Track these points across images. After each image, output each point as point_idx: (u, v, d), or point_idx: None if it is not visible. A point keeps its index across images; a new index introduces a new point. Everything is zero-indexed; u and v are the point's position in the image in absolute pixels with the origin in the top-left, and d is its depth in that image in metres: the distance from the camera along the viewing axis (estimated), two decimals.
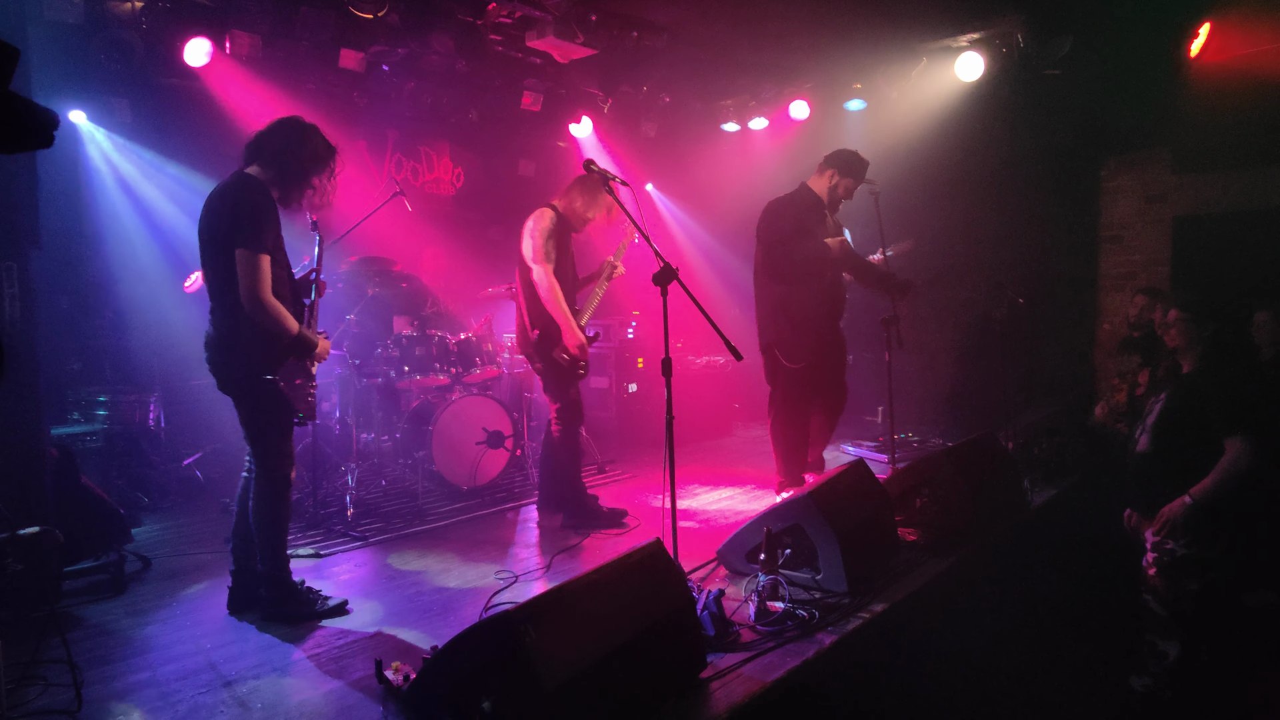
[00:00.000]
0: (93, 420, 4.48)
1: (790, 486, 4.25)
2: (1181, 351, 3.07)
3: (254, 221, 2.66)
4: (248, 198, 2.69)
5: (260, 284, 2.64)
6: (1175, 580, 2.96)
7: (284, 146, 2.78)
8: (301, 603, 2.93)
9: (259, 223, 2.67)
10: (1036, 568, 3.86)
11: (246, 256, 2.63)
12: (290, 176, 2.79)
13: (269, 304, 2.67)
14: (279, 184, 2.79)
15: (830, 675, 2.52)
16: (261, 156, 2.79)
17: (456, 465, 4.58)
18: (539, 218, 3.76)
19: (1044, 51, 5.07)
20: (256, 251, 2.64)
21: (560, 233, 3.79)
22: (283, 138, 2.79)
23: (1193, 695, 2.94)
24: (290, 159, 2.78)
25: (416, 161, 6.69)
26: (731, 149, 7.43)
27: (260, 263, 2.64)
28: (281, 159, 2.77)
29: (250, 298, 2.64)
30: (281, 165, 2.78)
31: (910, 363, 6.33)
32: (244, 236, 2.64)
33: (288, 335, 2.74)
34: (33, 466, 3.07)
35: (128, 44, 4.51)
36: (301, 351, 2.82)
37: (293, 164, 2.78)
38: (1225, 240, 5.19)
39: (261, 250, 2.65)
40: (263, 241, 2.66)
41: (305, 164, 2.80)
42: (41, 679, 2.47)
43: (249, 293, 2.64)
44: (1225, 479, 2.83)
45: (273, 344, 2.74)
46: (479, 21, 5.06)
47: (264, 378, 2.73)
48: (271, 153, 2.78)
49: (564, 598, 2.09)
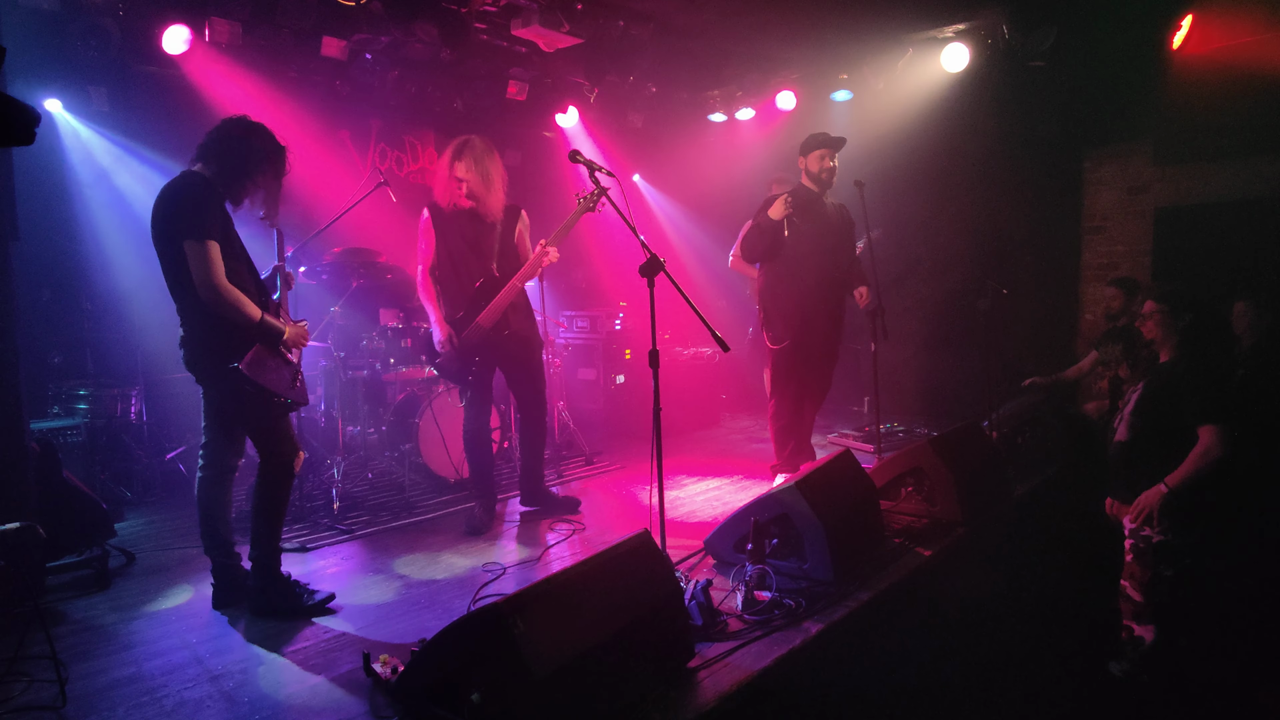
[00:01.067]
0: (74, 414, 4.43)
1: (784, 470, 4.34)
2: (1159, 342, 3.11)
3: (195, 211, 2.68)
4: (186, 192, 2.72)
5: (212, 270, 2.65)
6: (1152, 567, 3.02)
7: (224, 142, 2.81)
8: (288, 596, 2.93)
9: (200, 212, 2.68)
10: (1019, 555, 3.92)
11: (193, 246, 2.65)
12: (230, 172, 2.81)
13: (224, 288, 2.67)
14: (220, 180, 2.81)
15: (817, 663, 2.55)
16: (205, 154, 2.82)
17: (443, 458, 4.57)
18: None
19: (1028, 43, 5.10)
20: (202, 239, 2.65)
21: (443, 228, 3.80)
22: (224, 133, 2.82)
23: (1169, 680, 3.01)
24: (230, 155, 2.80)
25: (401, 151, 6.63)
26: (718, 140, 7.42)
27: (208, 249, 2.65)
28: (221, 155, 2.80)
29: (204, 285, 2.65)
30: (221, 161, 2.80)
31: (895, 353, 6.37)
32: (188, 227, 2.66)
33: (249, 321, 2.74)
34: (14, 462, 3.03)
35: (105, 31, 4.42)
36: (267, 339, 2.81)
37: (233, 159, 2.80)
38: (1206, 231, 5.25)
39: (207, 238, 2.66)
40: (207, 230, 2.67)
41: (246, 160, 2.82)
42: (25, 675, 2.45)
43: (202, 280, 2.65)
44: (1200, 467, 2.88)
45: (233, 332, 2.75)
46: (463, 9, 5.00)
47: (228, 365, 2.72)
48: (213, 149, 2.81)
49: (552, 589, 2.10)
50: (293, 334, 2.93)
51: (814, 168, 4.23)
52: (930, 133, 5.96)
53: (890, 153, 6.08)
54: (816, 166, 4.22)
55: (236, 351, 2.74)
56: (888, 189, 5.81)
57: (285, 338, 2.88)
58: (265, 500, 2.92)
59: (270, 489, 2.93)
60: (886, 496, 3.74)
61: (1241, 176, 5.20)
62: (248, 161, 2.82)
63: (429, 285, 3.85)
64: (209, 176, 2.79)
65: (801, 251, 4.19)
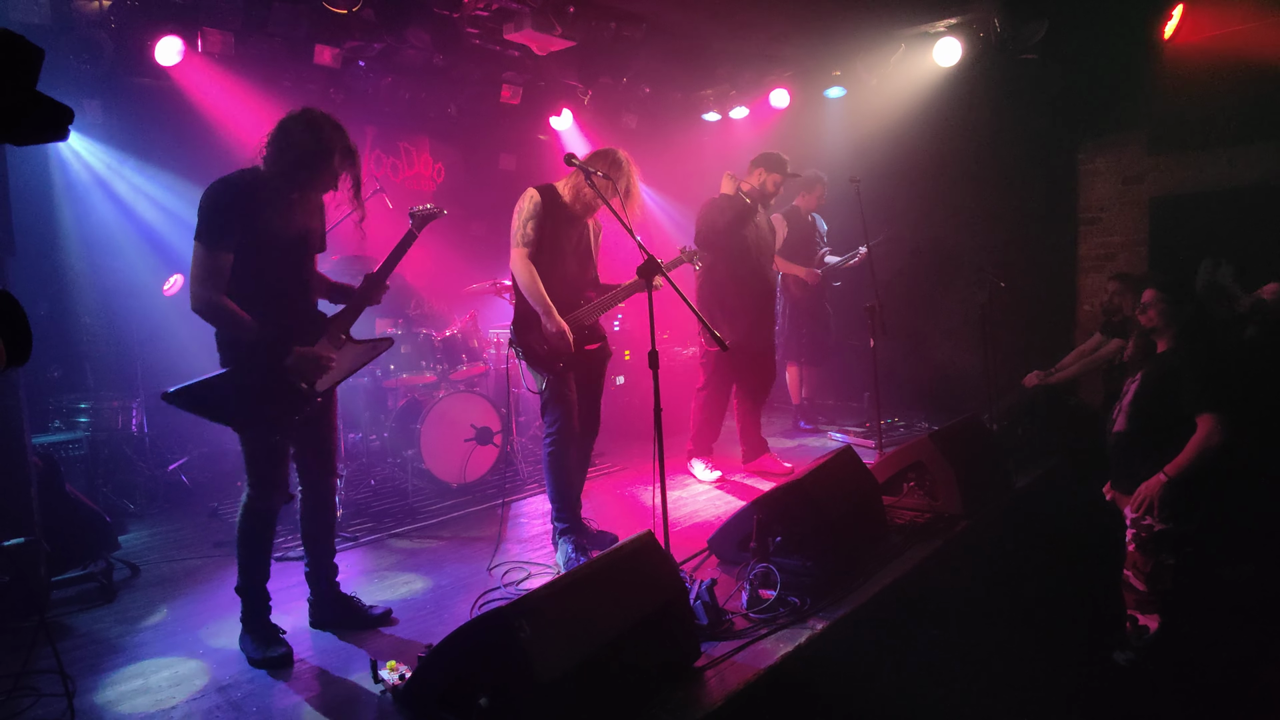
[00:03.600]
0: (75, 428, 4.43)
1: (699, 455, 4.76)
2: (1158, 332, 3.12)
3: (205, 214, 2.51)
4: (205, 194, 2.54)
5: (197, 277, 2.48)
6: (1154, 556, 3.02)
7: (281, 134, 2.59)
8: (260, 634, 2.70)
9: (208, 215, 2.50)
10: (1022, 547, 3.92)
11: (194, 249, 2.50)
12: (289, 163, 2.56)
13: (207, 299, 2.48)
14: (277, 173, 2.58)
15: (823, 659, 2.56)
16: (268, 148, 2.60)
17: (445, 463, 4.57)
18: (521, 199, 3.41)
19: (1020, 36, 5.11)
20: (205, 246, 2.49)
21: (551, 216, 3.35)
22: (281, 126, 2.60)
23: (1174, 668, 3.02)
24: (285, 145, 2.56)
25: (396, 158, 6.63)
26: (713, 139, 7.42)
27: (200, 256, 2.49)
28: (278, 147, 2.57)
29: (190, 291, 2.50)
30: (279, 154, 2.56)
31: (894, 348, 6.38)
32: (198, 230, 2.51)
33: (243, 333, 2.53)
34: (16, 477, 3.04)
35: (97, 44, 4.43)
36: (262, 352, 2.56)
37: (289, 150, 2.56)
38: (1202, 219, 5.26)
39: (208, 242, 2.48)
40: (211, 233, 2.49)
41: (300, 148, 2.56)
42: (34, 690, 2.45)
43: (190, 285, 2.51)
44: (1199, 455, 2.89)
45: (227, 348, 2.61)
46: (455, 15, 5.01)
47: (221, 370, 2.57)
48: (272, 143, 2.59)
49: (557, 592, 2.11)
50: (296, 359, 2.61)
51: (769, 187, 4.61)
52: (924, 128, 5.97)
53: (885, 149, 6.08)
54: (772, 187, 4.61)
55: (227, 355, 2.60)
56: (883, 185, 5.81)
57: (288, 363, 2.59)
58: (238, 528, 2.71)
59: (242, 515, 2.70)
60: (888, 492, 3.75)
61: (1236, 164, 5.21)
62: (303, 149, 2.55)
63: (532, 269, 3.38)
64: (261, 174, 2.57)
65: (741, 257, 4.53)
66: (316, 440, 2.84)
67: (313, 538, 2.88)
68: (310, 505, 2.88)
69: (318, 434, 2.84)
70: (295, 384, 2.63)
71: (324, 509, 2.90)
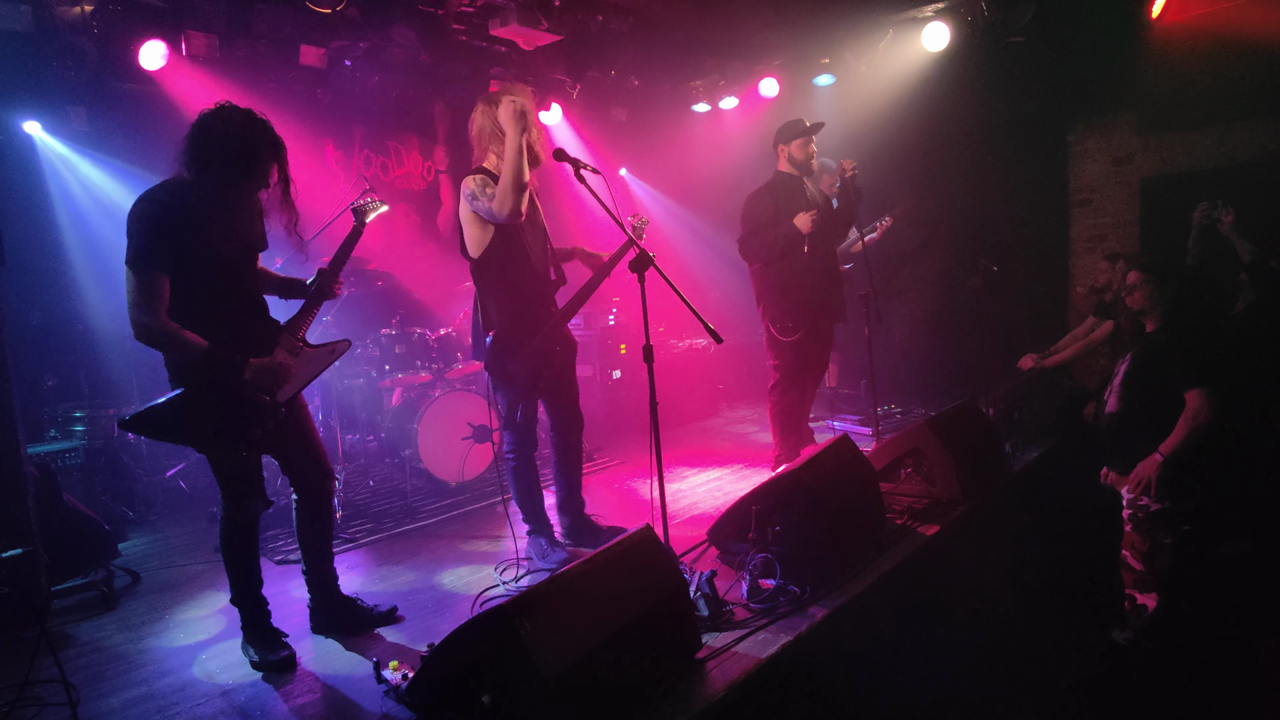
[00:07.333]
0: (71, 437, 4.42)
1: (787, 460, 4.34)
2: (1146, 312, 3.13)
3: (134, 236, 2.34)
4: (131, 213, 2.37)
5: (134, 304, 2.32)
6: (1151, 535, 3.04)
7: (200, 139, 2.42)
8: (262, 638, 2.69)
9: (137, 235, 2.33)
10: (1020, 530, 3.94)
11: (126, 275, 2.34)
12: (212, 170, 2.38)
13: (146, 325, 2.34)
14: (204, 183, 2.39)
15: (824, 647, 2.57)
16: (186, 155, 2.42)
17: (444, 462, 4.57)
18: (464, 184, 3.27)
19: (1007, 19, 5.10)
20: (138, 269, 2.32)
21: None
22: (199, 128, 2.44)
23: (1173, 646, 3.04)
24: (206, 150, 2.39)
25: (385, 157, 6.60)
26: (703, 130, 7.41)
27: (134, 281, 2.32)
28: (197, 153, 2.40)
29: (130, 319, 2.35)
30: (201, 161, 2.38)
31: (890, 335, 6.40)
32: (128, 254, 2.34)
33: (193, 353, 2.38)
34: (12, 487, 3.03)
35: (80, 50, 4.39)
36: (216, 370, 2.40)
37: (210, 155, 2.38)
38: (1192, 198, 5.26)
39: (139, 265, 2.32)
40: (140, 255, 2.32)
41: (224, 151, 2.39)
42: (37, 699, 2.46)
43: (129, 312, 2.34)
44: (1191, 432, 2.91)
45: (176, 369, 2.48)
46: (440, 11, 4.97)
47: (175, 391, 2.44)
48: (190, 150, 2.41)
49: (557, 588, 2.11)
50: (254, 373, 2.45)
51: (800, 155, 4.28)
52: (914, 113, 5.95)
53: (875, 135, 6.07)
54: (802, 154, 4.27)
55: (177, 375, 2.47)
56: (874, 172, 5.81)
57: (245, 377, 2.43)
58: (220, 543, 2.69)
59: (221, 532, 2.68)
60: (886, 478, 3.76)
61: (1225, 143, 5.22)
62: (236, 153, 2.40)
63: None
64: (187, 182, 2.40)
65: (798, 239, 4.19)
66: (297, 447, 2.74)
67: (309, 544, 2.87)
68: (305, 512, 2.84)
69: (296, 441, 2.73)
70: (256, 397, 2.50)
71: (320, 515, 2.86)
